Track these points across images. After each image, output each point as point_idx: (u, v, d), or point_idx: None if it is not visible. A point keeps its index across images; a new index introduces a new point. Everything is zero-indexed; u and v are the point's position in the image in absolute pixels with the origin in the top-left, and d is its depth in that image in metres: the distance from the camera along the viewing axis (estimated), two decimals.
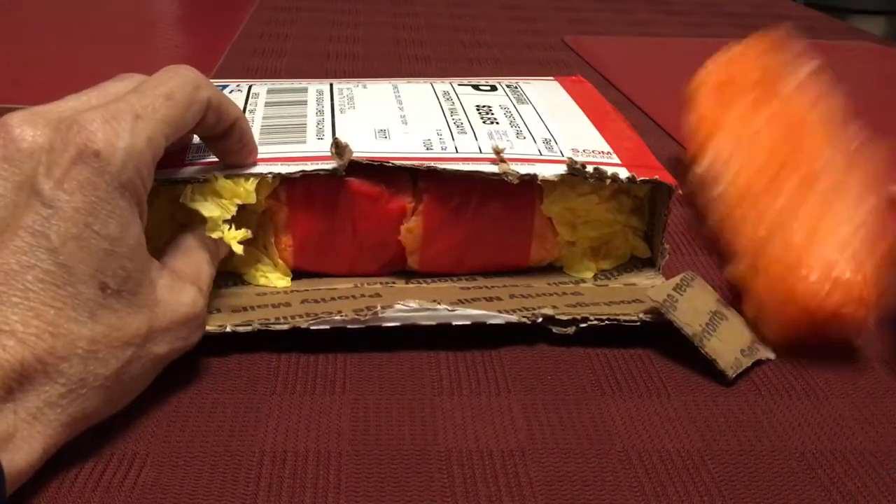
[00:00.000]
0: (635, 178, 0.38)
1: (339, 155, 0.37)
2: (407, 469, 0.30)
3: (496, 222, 0.39)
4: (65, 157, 0.28)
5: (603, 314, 0.37)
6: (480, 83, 0.48)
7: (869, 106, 0.50)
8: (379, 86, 0.47)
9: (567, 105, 0.46)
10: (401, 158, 0.38)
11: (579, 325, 0.36)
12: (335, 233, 0.38)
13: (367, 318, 0.36)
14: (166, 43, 0.84)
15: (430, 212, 0.38)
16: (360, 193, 0.38)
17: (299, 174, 0.37)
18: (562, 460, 0.30)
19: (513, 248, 0.40)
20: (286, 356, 0.36)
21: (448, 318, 0.36)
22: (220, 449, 0.30)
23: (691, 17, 1.01)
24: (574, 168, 0.38)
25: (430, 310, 0.36)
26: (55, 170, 0.28)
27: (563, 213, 0.40)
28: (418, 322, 0.36)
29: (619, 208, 0.41)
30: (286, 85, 0.47)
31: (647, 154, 0.42)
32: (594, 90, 0.50)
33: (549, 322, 0.36)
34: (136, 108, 0.30)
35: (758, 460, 0.31)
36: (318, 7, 0.99)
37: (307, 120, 0.41)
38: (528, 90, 0.47)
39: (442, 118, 0.42)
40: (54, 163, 0.28)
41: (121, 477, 0.29)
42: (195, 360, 0.35)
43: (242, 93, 0.45)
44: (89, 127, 0.29)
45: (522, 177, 0.37)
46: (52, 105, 0.31)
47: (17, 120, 0.29)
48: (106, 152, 0.29)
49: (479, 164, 0.38)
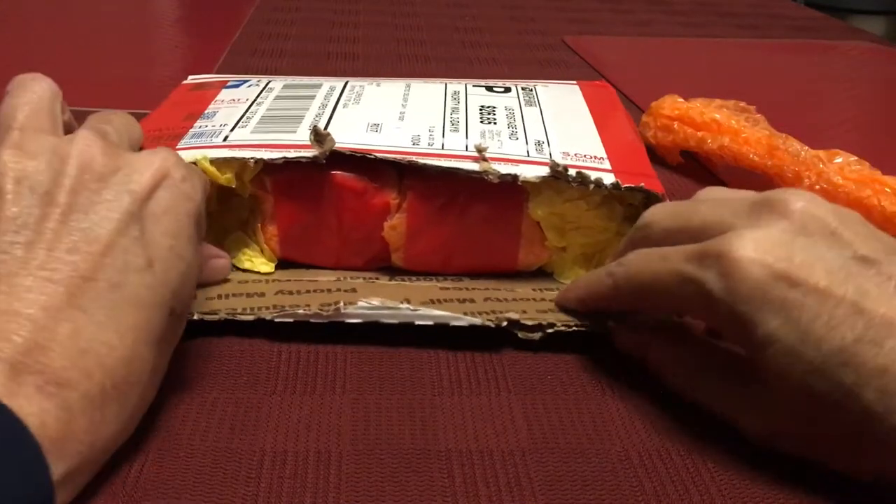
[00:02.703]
0: (620, 185, 0.38)
1: (318, 142, 0.37)
2: (407, 469, 0.30)
3: (483, 224, 0.39)
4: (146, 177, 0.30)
5: (572, 322, 0.36)
6: (496, 85, 0.48)
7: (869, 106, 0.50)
8: (392, 84, 0.47)
9: (577, 109, 0.46)
10: (385, 152, 0.38)
11: (545, 331, 0.36)
12: (320, 225, 0.39)
13: (329, 314, 0.35)
14: (166, 43, 0.84)
15: (413, 209, 0.38)
16: (345, 187, 0.38)
17: (281, 160, 0.37)
18: (562, 460, 0.30)
19: (500, 251, 0.40)
20: (286, 356, 0.36)
21: (410, 317, 0.36)
22: (221, 448, 0.30)
23: (691, 17, 1.01)
24: (556, 171, 0.37)
25: (393, 308, 0.36)
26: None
27: (551, 218, 0.39)
28: (381, 321, 0.36)
29: (611, 215, 0.40)
30: (303, 81, 0.47)
31: (643, 162, 0.41)
32: (614, 95, 0.50)
33: (514, 326, 0.36)
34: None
35: (759, 458, 0.31)
36: (318, 7, 0.99)
37: (307, 113, 0.42)
38: (542, 93, 0.47)
39: (440, 116, 0.42)
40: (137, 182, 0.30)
41: (122, 476, 0.29)
42: (195, 359, 0.35)
43: (259, 87, 0.46)
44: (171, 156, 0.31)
45: (503, 176, 0.37)
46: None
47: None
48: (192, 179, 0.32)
49: (461, 162, 0.37)
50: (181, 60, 0.79)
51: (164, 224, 0.30)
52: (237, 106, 0.43)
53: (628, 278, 0.33)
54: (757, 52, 0.87)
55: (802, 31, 0.97)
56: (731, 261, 0.28)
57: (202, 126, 0.41)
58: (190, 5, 1.01)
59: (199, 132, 0.40)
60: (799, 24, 1.00)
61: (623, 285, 0.33)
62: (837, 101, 0.72)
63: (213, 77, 0.50)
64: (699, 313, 0.30)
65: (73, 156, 0.29)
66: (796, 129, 0.52)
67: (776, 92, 0.73)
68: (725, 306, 0.28)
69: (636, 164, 0.41)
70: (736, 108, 0.54)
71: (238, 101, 0.44)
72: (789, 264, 0.28)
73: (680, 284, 0.30)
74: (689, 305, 0.30)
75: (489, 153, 0.38)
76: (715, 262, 0.29)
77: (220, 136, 0.39)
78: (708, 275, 0.29)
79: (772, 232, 0.29)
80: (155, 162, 0.31)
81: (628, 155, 0.41)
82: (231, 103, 0.44)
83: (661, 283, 0.31)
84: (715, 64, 0.82)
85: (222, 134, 0.39)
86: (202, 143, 0.39)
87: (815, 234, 0.29)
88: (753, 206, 0.30)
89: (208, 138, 0.39)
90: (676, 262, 0.30)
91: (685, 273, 0.30)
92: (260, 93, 0.45)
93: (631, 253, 0.33)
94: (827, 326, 0.27)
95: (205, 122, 0.41)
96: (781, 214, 0.29)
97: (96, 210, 0.29)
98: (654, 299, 0.32)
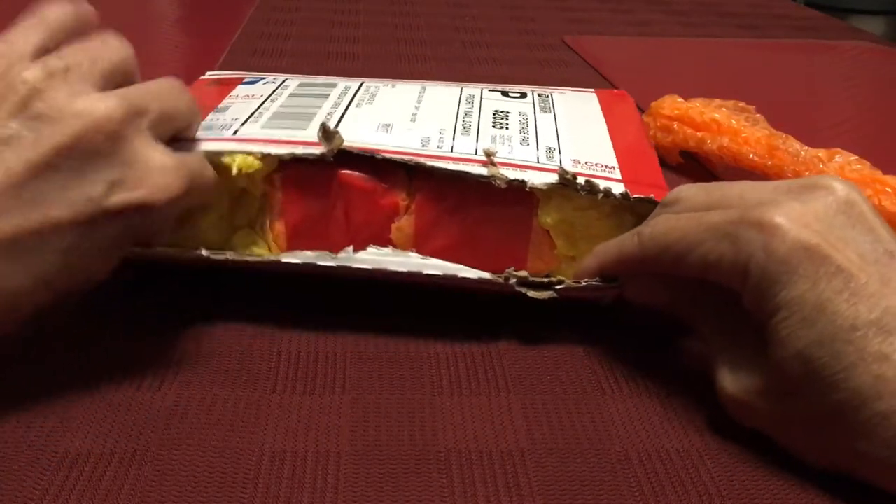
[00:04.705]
0: (629, 195, 0.37)
1: (326, 140, 0.37)
2: (406, 469, 0.30)
3: (491, 229, 0.38)
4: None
5: (582, 280, 0.36)
6: (512, 90, 0.48)
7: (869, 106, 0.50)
8: (408, 86, 0.47)
9: (592, 117, 0.45)
10: (393, 152, 0.38)
11: (554, 288, 0.36)
12: (328, 224, 0.38)
13: (339, 257, 0.36)
14: (166, 43, 0.84)
15: (421, 211, 0.38)
16: (354, 186, 0.38)
17: (289, 156, 0.37)
18: (561, 461, 0.30)
19: (508, 257, 0.39)
20: (286, 355, 0.36)
21: (420, 266, 0.36)
22: (220, 447, 0.30)
23: (691, 17, 1.01)
24: (564, 178, 0.37)
25: (403, 256, 0.36)
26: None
27: (561, 226, 0.39)
28: (389, 267, 0.36)
29: (621, 225, 0.39)
30: (319, 80, 0.47)
31: (655, 173, 0.41)
32: (632, 105, 0.49)
33: (523, 284, 0.36)
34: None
35: (758, 458, 0.31)
36: (318, 7, 0.99)
37: (318, 111, 0.42)
38: (558, 100, 0.47)
39: (452, 119, 0.42)
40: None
41: (122, 474, 0.29)
42: (195, 358, 0.35)
43: (275, 84, 0.46)
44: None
45: (511, 182, 0.37)
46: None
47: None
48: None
49: (469, 166, 0.37)
50: (181, 60, 0.79)
51: (100, 242, 0.31)
52: (251, 101, 0.43)
53: (654, 238, 0.33)
54: (757, 52, 0.87)
55: (802, 31, 0.97)
56: (773, 225, 0.29)
57: (213, 119, 0.41)
58: (190, 5, 1.01)
59: (209, 125, 0.40)
60: (799, 24, 1.00)
61: (649, 244, 0.34)
62: (837, 101, 0.72)
63: (230, 74, 0.50)
64: (725, 272, 0.30)
65: (84, 117, 0.30)
66: (796, 129, 0.52)
67: (776, 92, 0.73)
68: (758, 265, 0.29)
69: (647, 174, 0.40)
70: (735, 108, 0.54)
71: (252, 97, 0.44)
72: (825, 239, 0.29)
73: (715, 240, 0.31)
74: (716, 263, 0.31)
75: (498, 158, 0.38)
76: (756, 223, 0.30)
77: (230, 129, 0.39)
78: (748, 233, 0.30)
79: (814, 206, 0.30)
80: (152, 185, 0.31)
81: (640, 164, 0.41)
82: (245, 99, 0.44)
83: (690, 240, 0.32)
84: (715, 64, 0.82)
85: (232, 128, 0.39)
86: (211, 135, 0.38)
87: (853, 218, 0.30)
88: (796, 185, 0.31)
89: (218, 131, 0.39)
90: (713, 219, 0.31)
91: (722, 229, 0.31)
92: (275, 90, 0.45)
93: (659, 216, 0.34)
94: (848, 303, 0.28)
95: (216, 116, 0.41)
96: (825, 195, 0.30)
97: (65, 183, 0.30)
98: (681, 258, 0.32)
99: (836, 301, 0.28)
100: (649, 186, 0.39)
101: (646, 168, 0.41)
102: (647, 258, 0.34)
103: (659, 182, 0.40)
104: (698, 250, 0.31)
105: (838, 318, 0.28)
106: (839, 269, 0.28)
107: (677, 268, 0.32)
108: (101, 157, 0.30)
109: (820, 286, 0.28)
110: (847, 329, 0.27)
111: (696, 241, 0.31)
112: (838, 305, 0.28)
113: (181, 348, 0.36)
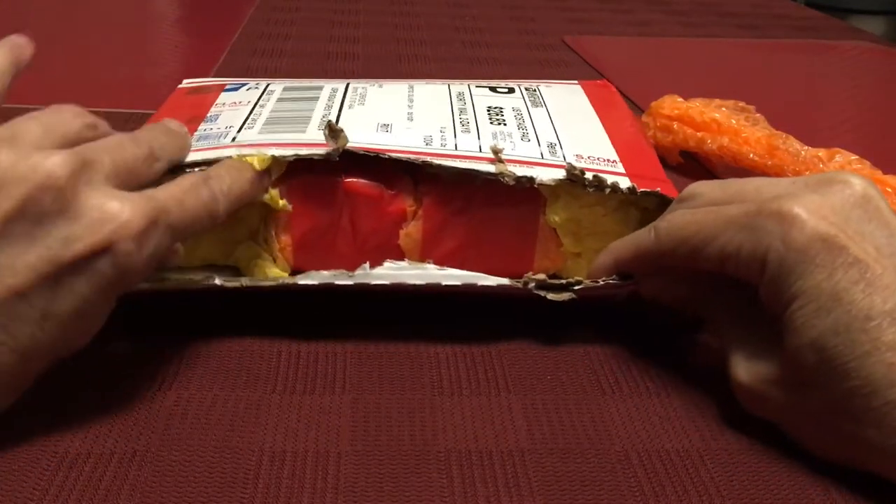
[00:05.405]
0: (636, 190, 0.37)
1: (332, 138, 0.37)
2: (406, 469, 0.30)
3: (498, 229, 0.38)
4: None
5: (599, 280, 0.36)
6: (499, 85, 0.47)
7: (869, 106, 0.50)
8: (395, 85, 0.47)
9: (583, 110, 0.45)
10: (398, 152, 0.37)
11: (573, 289, 0.36)
12: (335, 233, 0.38)
13: (356, 275, 0.36)
14: (166, 43, 0.84)
15: (429, 215, 0.38)
16: (360, 193, 0.37)
17: (292, 157, 0.37)
18: (561, 460, 0.30)
19: (515, 256, 0.39)
20: (286, 355, 0.36)
21: (438, 277, 0.36)
22: (220, 447, 0.30)
23: (691, 17, 1.01)
24: (573, 174, 0.37)
25: (420, 268, 0.36)
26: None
27: (568, 224, 0.38)
28: (408, 281, 0.36)
29: (626, 220, 0.39)
30: (303, 83, 0.47)
31: (655, 165, 0.41)
32: (617, 96, 0.49)
33: (542, 287, 0.36)
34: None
35: (758, 458, 0.31)
36: (318, 7, 0.99)
37: (313, 113, 0.41)
38: (546, 93, 0.47)
39: (449, 116, 0.42)
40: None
41: (122, 474, 0.29)
42: (195, 357, 0.35)
43: (259, 90, 0.45)
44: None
45: (519, 178, 0.37)
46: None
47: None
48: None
49: (476, 163, 0.37)
50: (181, 60, 0.79)
51: (72, 301, 0.29)
52: (239, 108, 0.43)
53: (671, 231, 0.34)
54: (757, 52, 0.87)
55: (802, 31, 0.97)
56: (791, 216, 0.30)
57: (207, 129, 0.40)
58: (190, 5, 1.01)
59: (204, 135, 0.39)
60: (799, 24, 1.00)
61: (665, 238, 0.34)
62: (837, 101, 0.72)
63: (209, 80, 0.50)
64: (743, 263, 0.31)
65: (28, 179, 0.28)
66: (796, 129, 0.52)
67: (776, 92, 0.73)
68: (776, 255, 0.29)
69: (648, 167, 0.40)
70: (735, 108, 0.54)
71: (240, 104, 0.44)
72: (842, 230, 0.29)
73: (733, 231, 0.31)
74: (734, 254, 0.31)
75: (503, 155, 0.38)
76: (775, 214, 0.30)
77: (227, 137, 0.39)
78: (767, 224, 0.30)
79: (832, 199, 0.30)
80: (105, 228, 0.29)
81: (639, 157, 0.41)
82: (233, 106, 0.43)
83: (707, 232, 0.32)
84: (715, 64, 0.82)
85: (229, 135, 0.39)
86: (209, 145, 0.38)
87: (869, 213, 0.30)
88: (813, 180, 0.31)
89: (215, 140, 0.39)
90: (731, 212, 0.31)
91: (741, 221, 0.31)
92: (261, 95, 0.45)
93: (675, 211, 0.34)
94: (863, 293, 0.28)
95: (209, 126, 0.41)
96: (842, 189, 0.30)
97: (19, 249, 0.28)
98: (698, 251, 0.32)
99: (852, 291, 0.28)
100: (653, 180, 0.39)
101: (645, 160, 0.41)
102: (664, 252, 0.34)
103: (660, 175, 0.40)
104: (716, 242, 0.31)
105: (853, 308, 0.28)
106: (856, 260, 0.28)
107: (694, 261, 0.33)
108: (52, 217, 0.28)
109: (836, 276, 0.28)
110: (862, 318, 0.28)
111: (713, 234, 0.32)
112: (854, 295, 0.28)
113: (181, 348, 0.36)
